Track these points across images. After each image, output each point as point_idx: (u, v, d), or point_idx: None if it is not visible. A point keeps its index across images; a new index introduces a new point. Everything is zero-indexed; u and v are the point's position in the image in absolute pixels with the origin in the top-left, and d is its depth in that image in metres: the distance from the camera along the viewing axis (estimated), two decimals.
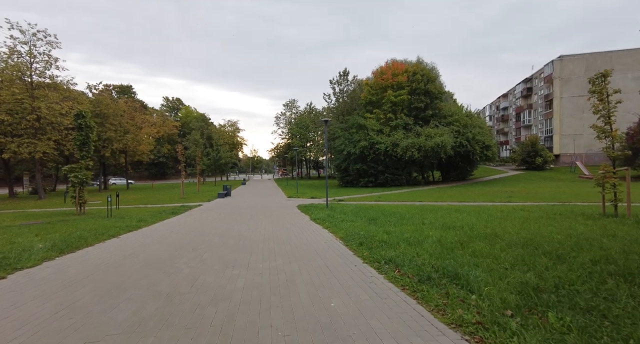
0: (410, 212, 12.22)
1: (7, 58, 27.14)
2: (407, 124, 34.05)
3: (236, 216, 13.24)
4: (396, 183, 34.22)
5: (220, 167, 54.15)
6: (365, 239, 7.13)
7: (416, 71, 35.67)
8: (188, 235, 8.73)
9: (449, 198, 20.23)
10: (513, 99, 70.31)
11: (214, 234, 8.89)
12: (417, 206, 15.44)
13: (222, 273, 5.00)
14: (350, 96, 40.70)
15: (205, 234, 8.91)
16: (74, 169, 15.03)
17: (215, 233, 9.00)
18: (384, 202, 18.48)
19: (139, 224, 10.88)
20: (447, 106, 37.81)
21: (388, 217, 10.75)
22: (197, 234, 8.95)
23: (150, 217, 12.96)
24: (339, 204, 17.17)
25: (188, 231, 9.53)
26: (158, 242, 7.84)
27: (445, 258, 5.30)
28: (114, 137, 38.20)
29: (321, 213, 12.83)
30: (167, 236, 8.71)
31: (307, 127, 62.47)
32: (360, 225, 9.29)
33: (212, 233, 9.00)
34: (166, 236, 8.62)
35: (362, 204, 17.04)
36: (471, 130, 34.28)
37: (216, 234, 8.88)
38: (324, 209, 14.75)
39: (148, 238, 8.39)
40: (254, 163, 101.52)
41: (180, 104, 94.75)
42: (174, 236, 8.60)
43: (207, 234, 8.91)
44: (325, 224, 10.09)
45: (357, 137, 33.99)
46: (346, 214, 12.17)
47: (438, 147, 31.05)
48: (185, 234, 8.86)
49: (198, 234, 8.94)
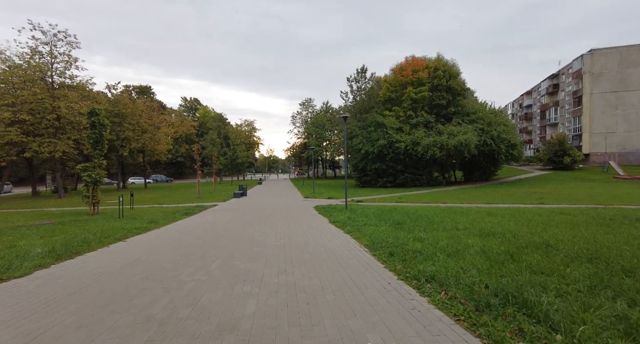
0: (439, 216, 11.21)
1: (29, 59, 27.52)
2: (429, 121, 32.72)
3: (251, 218, 12.55)
4: (416, 183, 32.95)
5: (236, 167, 54.02)
6: (395, 247, 6.23)
7: (437, 67, 34.26)
8: (198, 239, 8.05)
9: (475, 200, 19.00)
10: (537, 97, 67.45)
11: (226, 238, 8.18)
12: (443, 208, 14.37)
13: (231, 290, 4.23)
14: (368, 94, 39.61)
15: (217, 238, 8.21)
16: (87, 168, 14.71)
17: (227, 237, 8.28)
18: (406, 204, 17.45)
19: (149, 225, 10.31)
20: (470, 103, 36.21)
21: (415, 222, 9.79)
22: (208, 238, 8.26)
23: (163, 218, 12.43)
24: (358, 206, 16.27)
25: (199, 234, 8.86)
26: (165, 247, 7.18)
27: (497, 273, 4.37)
28: (131, 136, 38.44)
29: (340, 215, 11.98)
30: (176, 240, 8.06)
31: (324, 126, 61.64)
32: (385, 230, 8.38)
33: (224, 237, 8.29)
34: (175, 240, 7.96)
35: (382, 206, 16.09)
36: (496, 128, 32.63)
37: (229, 238, 8.17)
38: (343, 210, 13.90)
39: (155, 242, 7.75)
40: (270, 163, 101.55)
41: (198, 104, 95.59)
42: (184, 240, 7.93)
43: (219, 238, 8.21)
44: (346, 228, 9.24)
45: (375, 136, 32.91)
46: (368, 217, 11.27)
47: (461, 145, 29.63)
48: (196, 238, 8.18)
49: (209, 238, 8.25)
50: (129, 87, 73.28)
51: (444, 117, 33.88)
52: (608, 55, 46.17)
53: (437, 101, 33.61)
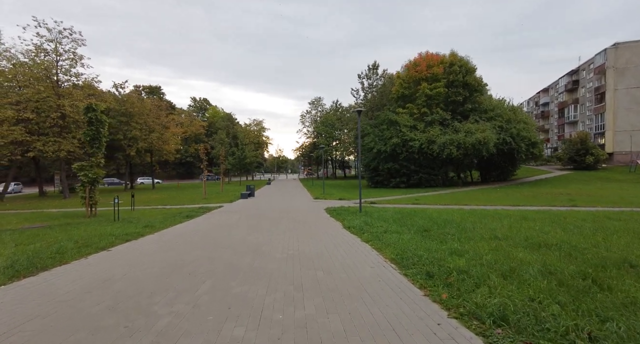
0: (467, 220, 9.87)
1: (34, 56, 26.94)
2: (444, 119, 31.20)
3: (256, 221, 11.40)
4: (431, 184, 31.46)
5: (245, 167, 53.14)
6: (431, 264, 4.97)
7: (453, 62, 32.72)
8: (194, 249, 6.90)
9: (499, 201, 17.55)
10: (555, 94, 64.94)
11: (225, 247, 7.02)
12: (467, 211, 12.99)
13: (217, 334, 3.03)
14: (380, 91, 38.24)
15: (215, 247, 7.06)
16: (83, 167, 13.78)
17: (227, 246, 7.13)
18: (425, 206, 16.10)
19: (142, 230, 9.24)
20: (487, 100, 34.56)
21: (444, 228, 8.49)
22: (205, 247, 7.12)
23: (161, 221, 11.37)
24: (373, 208, 15.01)
25: (196, 242, 7.73)
26: (152, 259, 6.06)
27: (592, 311, 3.09)
28: (139, 136, 37.79)
29: (355, 219, 10.73)
30: (168, 249, 6.93)
31: (333, 125, 60.37)
32: (412, 239, 7.12)
33: (223, 246, 7.13)
34: (166, 250, 6.84)
35: (400, 208, 14.78)
36: (515, 125, 30.95)
37: (228, 247, 7.01)
38: (357, 213, 12.66)
39: (142, 253, 6.64)
40: (279, 163, 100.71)
41: (208, 104, 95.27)
42: (176, 250, 6.80)
43: (217, 247, 7.06)
44: (364, 235, 7.99)
45: (388, 134, 31.53)
46: (387, 222, 10.00)
47: (480, 144, 28.06)
48: (191, 248, 7.05)
49: (206, 247, 7.11)
50: (139, 87, 73.41)
51: (460, 115, 32.31)
52: (634, 49, 43.82)
53: (453, 97, 32.07)
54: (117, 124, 36.62)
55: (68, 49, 28.04)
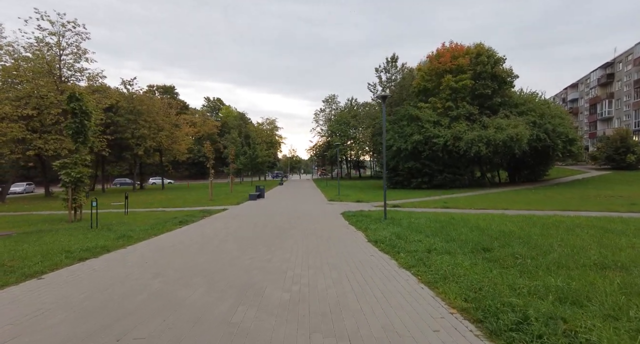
0: (530, 232, 7.51)
1: (36, 50, 25.67)
2: (471, 113, 28.53)
3: (260, 231, 9.33)
4: (456, 185, 28.84)
5: (256, 167, 51.39)
6: (543, 326, 2.75)
7: (480, 52, 30.02)
8: (156, 281, 4.83)
9: (543, 205, 14.98)
10: (586, 89, 60.80)
11: (205, 275, 4.95)
12: (516, 217, 10.53)
13: None
14: (399, 85, 35.82)
15: (190, 276, 4.99)
16: (66, 165, 12.02)
17: (205, 275, 5.04)
18: (458, 211, 13.71)
19: (112, 244, 7.29)
20: (517, 94, 31.71)
21: (507, 245, 6.19)
22: (175, 275, 5.05)
23: (145, 229, 9.42)
24: (398, 213, 12.72)
25: (168, 265, 5.69)
26: (85, 300, 4.03)
27: None
28: (147, 134, 36.44)
29: (382, 230, 8.52)
30: (121, 280, 4.88)
31: (348, 123, 58.05)
32: (474, 266, 4.87)
33: (199, 275, 5.04)
34: (117, 282, 4.79)
35: (430, 213, 12.47)
36: (550, 120, 28.02)
37: (205, 277, 4.92)
38: (381, 220, 10.43)
39: (81, 285, 4.62)
40: (293, 163, 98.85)
41: (221, 104, 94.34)
42: (130, 283, 4.74)
43: (194, 275, 4.99)
44: (400, 256, 5.79)
45: (408, 131, 29.08)
46: (424, 233, 7.76)
47: (512, 140, 25.31)
48: (153, 277, 4.99)
49: (177, 276, 5.04)
50: (153, 87, 72.92)
51: (488, 109, 29.57)
52: None
53: (481, 90, 29.36)
54: (125, 122, 35.39)
55: (71, 43, 26.79)
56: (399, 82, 37.51)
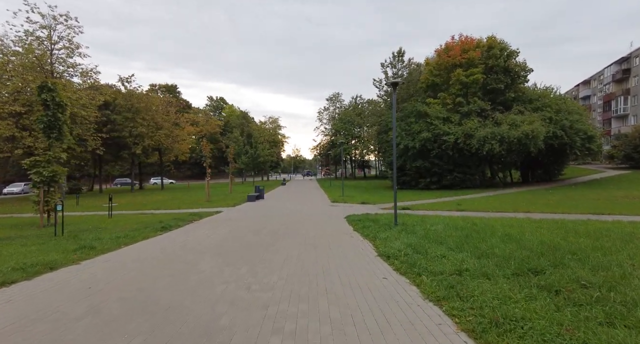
0: (579, 244, 6.05)
1: (25, 44, 24.52)
2: (483, 109, 26.94)
3: (250, 239, 7.96)
4: (467, 185, 27.24)
5: (258, 166, 50.08)
6: None
7: (492, 45, 28.41)
8: (87, 316, 3.49)
9: (569, 207, 13.47)
10: (599, 86, 58.66)
11: (154, 313, 3.59)
12: (545, 222, 9.03)
13: None
14: (406, 80, 34.36)
15: (136, 312, 3.62)
16: (37, 164, 10.76)
17: (160, 309, 3.67)
18: (476, 214, 12.24)
19: (67, 257, 5.95)
20: (531, 89, 30.06)
21: (559, 264, 4.76)
22: (118, 309, 3.69)
23: (116, 238, 8.08)
24: (410, 216, 11.28)
25: (117, 291, 4.34)
26: None
27: None
28: (145, 133, 35.27)
29: (395, 240, 7.10)
30: (38, 318, 3.54)
31: (353, 122, 56.58)
32: (530, 299, 3.45)
33: (151, 310, 3.67)
34: (32, 321, 3.45)
35: (446, 217, 11.01)
36: (567, 116, 26.34)
37: (159, 313, 3.56)
38: (390, 226, 9.01)
39: None
40: (296, 163, 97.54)
41: (224, 103, 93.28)
42: (49, 322, 3.40)
43: (138, 313, 3.62)
44: (421, 280, 4.39)
45: (416, 128, 27.54)
46: (446, 245, 6.32)
47: (527, 138, 23.70)
48: (86, 312, 3.64)
49: (122, 308, 3.68)
50: (155, 86, 72.00)
51: (501, 105, 27.95)
52: None
53: (493, 84, 27.74)
54: (123, 120, 34.26)
55: (63, 37, 25.62)
56: (406, 78, 35.99)
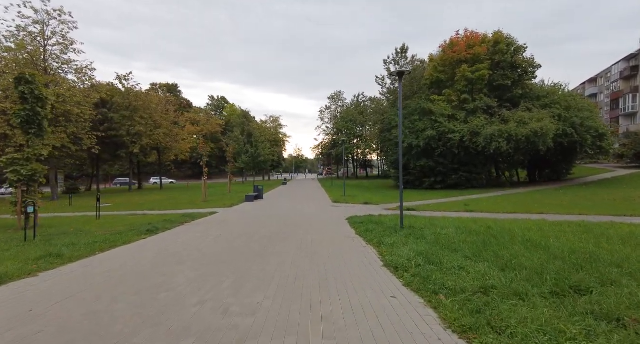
0: (619, 253, 5.22)
1: (16, 40, 23.78)
2: (490, 106, 26.05)
3: (240, 245, 7.16)
4: (473, 184, 26.36)
5: (259, 166, 49.28)
6: None
7: (499, 40, 27.50)
8: None
9: (587, 209, 12.59)
10: (606, 83, 57.54)
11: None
12: (566, 224, 8.19)
13: None
14: (409, 77, 33.46)
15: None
16: (14, 162, 10.01)
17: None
18: (485, 215, 11.39)
19: (23, 268, 5.17)
20: (538, 86, 29.13)
21: (609, 282, 3.94)
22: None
23: (91, 244, 7.29)
24: (416, 218, 10.45)
25: (56, 319, 3.56)
26: None
27: None
28: (143, 132, 34.52)
29: (402, 246, 6.28)
30: None
31: (355, 121, 55.71)
32: (590, 334, 2.64)
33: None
34: None
35: (454, 219, 10.18)
36: (577, 114, 25.44)
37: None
38: (396, 230, 8.18)
39: None
40: (298, 163, 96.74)
41: (225, 103, 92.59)
42: None
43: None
44: (442, 304, 3.58)
45: (420, 126, 26.69)
46: (462, 253, 5.49)
47: (536, 136, 22.81)
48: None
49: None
50: (156, 85, 71.37)
51: (508, 102, 27.05)
52: None
53: (500, 81, 26.84)
54: (120, 118, 33.54)
55: (56, 32, 24.89)
56: (409, 74, 35.10)
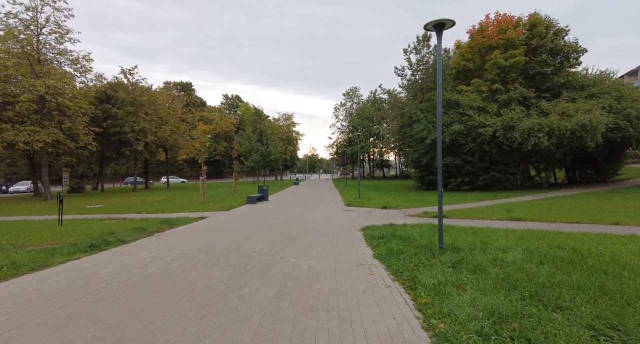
0: None
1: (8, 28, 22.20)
2: (526, 97, 22.90)
3: (197, 278, 4.69)
4: (505, 186, 23.23)
5: (270, 165, 47.06)
6: None
7: (536, 23, 24.23)
8: None
9: None
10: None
11: None
12: None
13: None
14: (432, 67, 30.43)
15: None
16: None
17: None
18: (539, 225, 8.57)
19: None
20: (583, 73, 25.69)
21: None
22: None
23: (16, 262, 5.04)
24: (457, 232, 7.76)
25: None
26: None
27: None
28: (147, 128, 32.78)
29: (454, 295, 3.68)
30: None
31: (371, 118, 52.83)
32: None
33: None
34: None
35: (505, 230, 7.49)
36: (631, 104, 22.04)
37: None
38: (433, 252, 5.55)
39: None
40: (312, 162, 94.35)
41: (239, 101, 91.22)
42: None
43: None
44: None
45: (446, 120, 23.71)
46: (571, 311, 2.89)
47: (583, 129, 19.62)
48: None
49: None
50: (169, 83, 70.56)
51: (547, 91, 23.78)
52: None
53: (537, 68, 23.60)
54: (124, 114, 31.91)
55: (50, 19, 23.23)
56: (432, 64, 32.07)
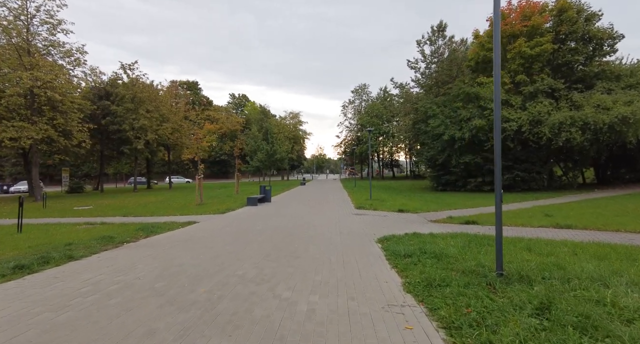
0: None
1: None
2: (554, 89, 20.77)
3: (161, 319, 2.94)
4: (530, 186, 21.14)
5: (275, 164, 45.37)
6: None
7: (564, 7, 22.07)
8: None
9: None
10: None
11: None
12: None
13: None
14: (448, 59, 28.32)
15: None
16: None
17: None
18: (602, 235, 6.62)
19: None
20: (617, 63, 23.45)
21: None
22: None
23: None
24: (509, 248, 5.83)
25: None
26: None
27: None
28: (148, 126, 31.32)
29: None
30: None
31: (381, 116, 50.81)
32: None
33: None
34: None
35: (561, 242, 5.57)
36: None
37: None
38: (493, 285, 3.69)
39: None
40: (320, 162, 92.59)
41: (246, 101, 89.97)
42: None
43: None
44: None
45: (465, 114, 21.76)
46: None
47: (623, 123, 17.50)
48: None
49: None
50: (176, 82, 69.49)
51: (578, 82, 21.61)
52: None
53: (567, 57, 21.49)
54: (124, 111, 30.51)
55: (41, 9, 21.88)
56: (448, 56, 29.95)
